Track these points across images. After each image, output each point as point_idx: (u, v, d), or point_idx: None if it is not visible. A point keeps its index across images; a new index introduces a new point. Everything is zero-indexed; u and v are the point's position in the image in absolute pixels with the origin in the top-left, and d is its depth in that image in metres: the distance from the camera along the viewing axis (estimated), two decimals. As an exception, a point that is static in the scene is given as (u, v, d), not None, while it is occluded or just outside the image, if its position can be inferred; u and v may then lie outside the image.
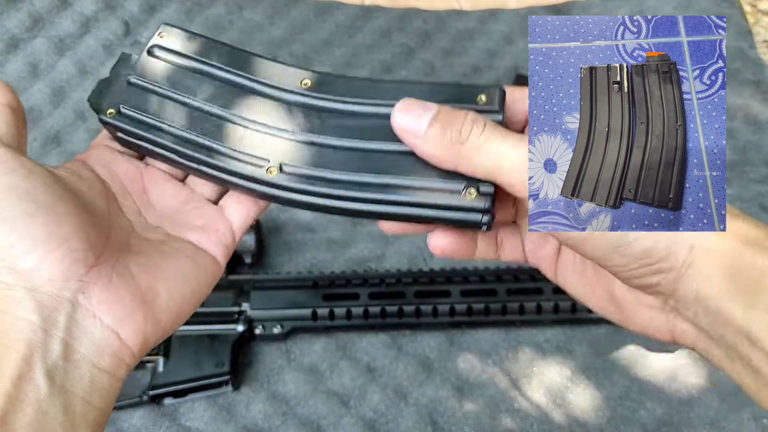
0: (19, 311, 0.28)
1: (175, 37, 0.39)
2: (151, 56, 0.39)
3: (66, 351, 0.29)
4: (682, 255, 0.28)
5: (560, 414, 0.69)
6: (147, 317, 0.32)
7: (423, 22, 1.00)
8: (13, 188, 0.29)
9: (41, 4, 0.95)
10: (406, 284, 0.70)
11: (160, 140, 0.38)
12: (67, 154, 0.86)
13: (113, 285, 0.31)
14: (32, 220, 0.28)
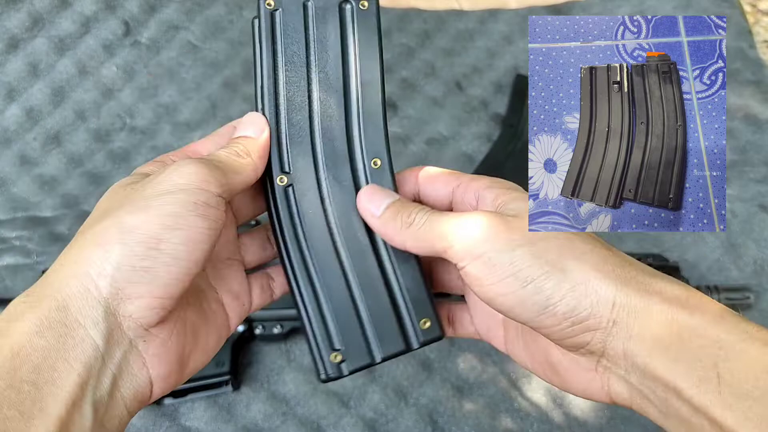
0: (90, 328, 0.29)
1: None
2: None
3: (112, 387, 0.30)
4: (606, 313, 0.29)
5: (560, 414, 0.69)
6: (177, 380, 0.34)
7: (423, 22, 1.00)
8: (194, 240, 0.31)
9: (41, 4, 0.95)
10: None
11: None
12: (67, 154, 0.86)
13: (169, 344, 0.33)
14: (156, 268, 0.30)
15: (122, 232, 0.30)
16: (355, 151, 0.38)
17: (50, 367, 0.28)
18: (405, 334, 0.37)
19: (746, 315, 0.74)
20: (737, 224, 0.80)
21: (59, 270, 0.31)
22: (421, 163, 0.89)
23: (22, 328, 0.28)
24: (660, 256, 0.75)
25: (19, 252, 0.77)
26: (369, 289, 0.37)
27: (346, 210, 0.37)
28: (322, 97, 0.38)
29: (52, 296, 0.29)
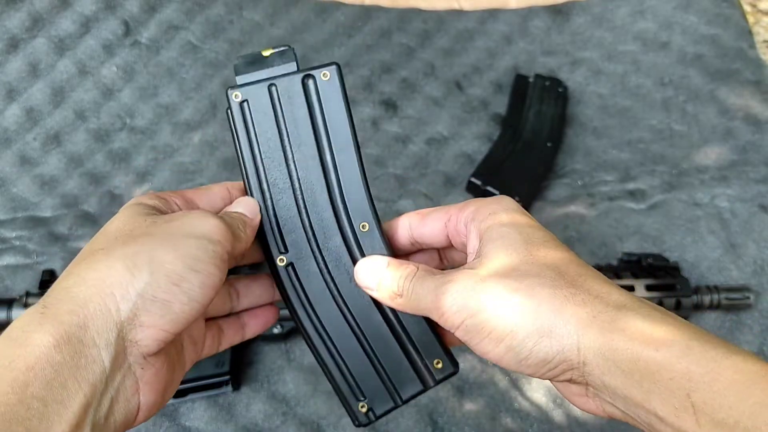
0: (103, 349, 0.30)
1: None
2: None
3: (108, 412, 0.31)
4: (574, 356, 0.31)
5: (560, 414, 0.69)
6: (158, 409, 0.35)
7: (423, 22, 1.00)
8: (186, 279, 0.33)
9: (41, 4, 0.95)
10: (406, 284, 0.70)
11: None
12: (67, 154, 0.86)
13: (160, 374, 0.34)
14: (172, 303, 0.32)
15: (152, 263, 0.32)
16: (342, 219, 0.40)
17: (61, 384, 0.28)
18: (421, 376, 0.41)
19: (746, 315, 0.74)
20: (737, 224, 0.80)
21: (82, 284, 0.31)
22: (422, 162, 0.89)
23: (41, 340, 0.29)
24: (660, 256, 0.75)
25: (19, 252, 0.77)
26: (380, 344, 0.41)
27: (345, 276, 0.40)
28: (302, 175, 0.40)
29: (73, 311, 0.30)
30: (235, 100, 0.39)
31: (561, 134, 0.91)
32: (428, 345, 0.40)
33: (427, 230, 0.40)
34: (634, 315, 0.31)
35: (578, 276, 0.33)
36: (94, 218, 0.82)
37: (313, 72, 0.39)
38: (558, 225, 0.81)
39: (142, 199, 0.38)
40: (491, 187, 0.83)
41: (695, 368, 0.28)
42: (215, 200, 0.41)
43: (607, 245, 0.79)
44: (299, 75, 0.39)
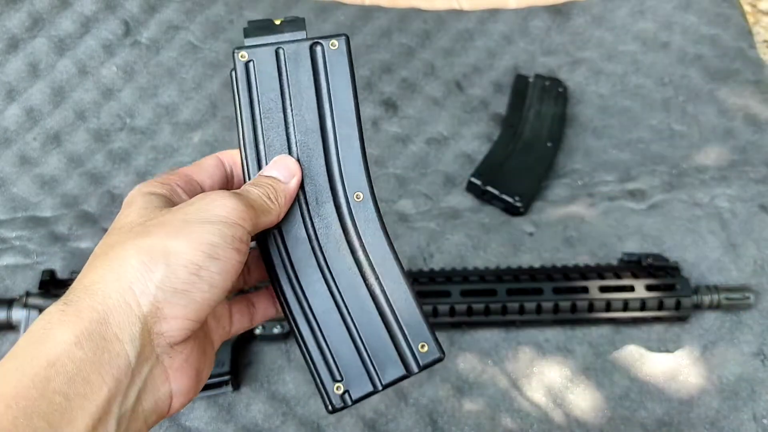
0: (127, 343, 0.30)
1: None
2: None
3: (135, 402, 0.31)
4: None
5: (560, 414, 0.69)
6: (194, 393, 0.35)
7: (423, 22, 1.00)
8: (205, 268, 0.32)
9: (41, 4, 0.95)
10: (406, 284, 0.70)
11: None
12: (67, 153, 0.86)
13: (190, 360, 0.34)
14: (193, 293, 0.32)
15: (167, 255, 0.32)
16: (336, 187, 0.39)
17: (84, 379, 0.28)
18: (404, 359, 0.38)
19: (746, 315, 0.74)
20: (737, 224, 0.80)
21: (100, 281, 0.31)
22: (422, 162, 0.89)
23: (61, 337, 0.29)
24: (660, 256, 0.75)
25: (19, 252, 0.77)
26: (364, 320, 0.38)
27: (333, 245, 0.39)
28: (300, 139, 0.39)
29: (93, 307, 0.30)
30: (240, 60, 0.39)
31: (561, 134, 0.91)
32: (415, 326, 0.38)
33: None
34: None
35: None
36: (94, 218, 0.82)
37: (322, 40, 0.39)
38: (558, 225, 0.81)
39: (149, 187, 0.37)
40: (491, 187, 0.83)
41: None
42: (212, 172, 0.40)
43: (607, 245, 0.79)
44: (308, 42, 0.39)
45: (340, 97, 0.39)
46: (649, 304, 0.70)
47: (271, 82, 0.39)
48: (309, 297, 0.39)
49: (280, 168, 0.38)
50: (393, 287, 0.38)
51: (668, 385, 0.70)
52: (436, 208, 0.84)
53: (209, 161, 0.41)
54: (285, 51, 0.39)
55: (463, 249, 0.79)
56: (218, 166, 0.41)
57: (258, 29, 0.40)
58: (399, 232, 0.80)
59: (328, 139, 0.39)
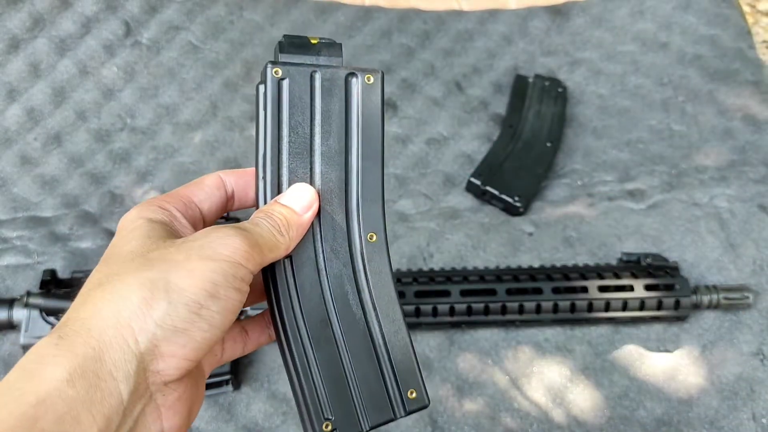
0: (121, 382, 0.29)
1: None
2: None
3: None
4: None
5: (560, 414, 0.69)
6: (186, 428, 0.34)
7: (423, 22, 1.01)
8: (204, 307, 0.32)
9: (42, 4, 0.95)
10: (406, 284, 0.70)
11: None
12: (67, 154, 0.87)
13: (183, 398, 0.33)
14: (193, 332, 0.31)
15: (169, 291, 0.31)
16: (352, 224, 0.39)
17: (73, 418, 0.28)
18: (392, 403, 0.38)
19: (745, 315, 0.74)
20: (736, 224, 0.80)
21: (97, 315, 0.30)
22: (422, 162, 0.90)
23: (53, 374, 0.28)
24: (659, 256, 0.75)
25: (19, 252, 0.77)
26: (359, 359, 0.38)
27: (341, 282, 0.38)
28: (323, 170, 0.38)
29: (88, 343, 0.29)
30: (274, 75, 0.37)
31: (560, 134, 0.91)
32: (408, 372, 0.38)
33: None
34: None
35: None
36: (94, 218, 0.82)
37: (358, 72, 0.39)
38: (557, 225, 0.81)
39: (149, 212, 0.36)
40: (491, 187, 0.83)
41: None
42: (211, 193, 0.39)
43: (606, 245, 0.79)
44: (344, 71, 0.38)
45: (368, 133, 0.39)
46: (648, 304, 0.70)
47: (303, 104, 0.38)
48: (309, 328, 0.38)
49: (298, 198, 0.37)
50: (392, 332, 0.38)
51: (667, 385, 0.70)
52: (436, 208, 0.84)
53: (210, 180, 0.39)
54: (321, 75, 0.38)
55: (463, 249, 0.79)
56: (219, 187, 0.39)
57: (294, 46, 0.38)
58: (399, 232, 0.80)
59: (351, 173, 0.39)
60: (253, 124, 0.91)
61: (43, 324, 0.66)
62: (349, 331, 0.38)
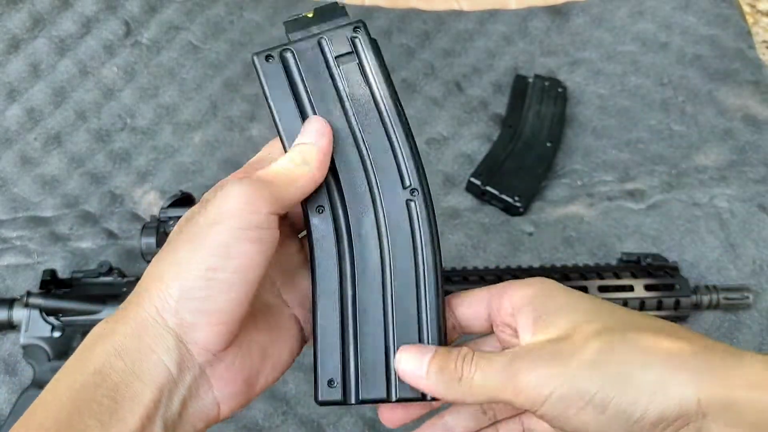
0: (163, 354, 0.31)
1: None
2: None
3: (181, 408, 0.32)
4: (693, 409, 0.28)
5: (559, 413, 0.69)
6: (246, 398, 0.35)
7: (423, 22, 1.01)
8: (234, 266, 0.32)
9: (42, 4, 0.95)
10: (405, 284, 0.70)
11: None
12: (68, 154, 0.87)
13: (234, 366, 0.34)
14: (213, 297, 0.31)
15: (179, 266, 0.32)
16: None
17: (127, 386, 0.30)
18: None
19: (745, 315, 0.74)
20: (736, 224, 0.80)
21: (133, 301, 0.33)
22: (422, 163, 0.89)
23: (103, 349, 0.31)
24: (659, 255, 0.75)
25: (20, 252, 0.78)
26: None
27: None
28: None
29: (128, 323, 0.32)
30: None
31: (560, 134, 0.91)
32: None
33: (468, 311, 0.38)
34: (750, 364, 0.29)
35: (672, 327, 0.32)
36: (95, 218, 0.82)
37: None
38: (557, 225, 0.81)
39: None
40: (491, 187, 0.83)
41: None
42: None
43: (606, 245, 0.79)
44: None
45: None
46: (648, 304, 0.70)
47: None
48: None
49: (307, 132, 0.36)
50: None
51: (667, 385, 0.70)
52: (436, 208, 0.84)
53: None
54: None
55: (463, 249, 0.79)
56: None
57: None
58: (399, 232, 0.80)
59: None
60: (253, 123, 0.91)
61: (43, 324, 0.66)
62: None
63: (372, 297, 0.37)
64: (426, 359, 0.34)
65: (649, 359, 0.29)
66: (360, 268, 0.37)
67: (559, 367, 0.30)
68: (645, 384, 0.29)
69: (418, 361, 0.34)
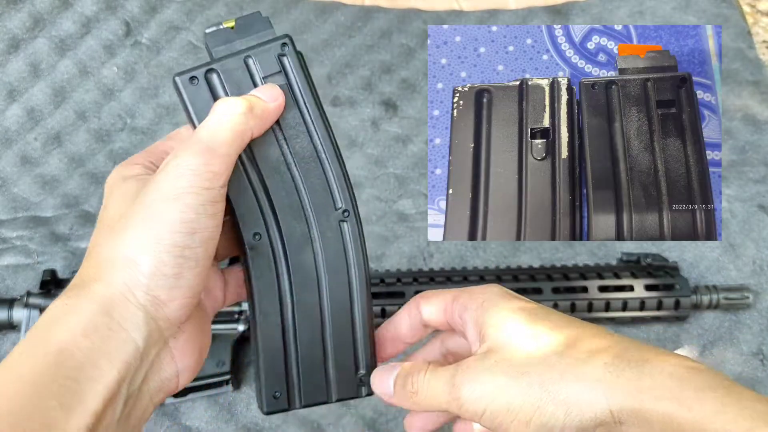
0: (133, 332, 0.31)
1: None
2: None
3: (142, 382, 0.32)
4: (609, 418, 0.31)
5: (559, 413, 0.69)
6: (197, 370, 0.36)
7: (423, 22, 1.01)
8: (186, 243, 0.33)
9: (42, 4, 0.95)
10: (406, 284, 0.70)
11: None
12: (68, 154, 0.87)
13: (192, 336, 0.35)
14: (183, 273, 0.32)
15: (148, 243, 0.32)
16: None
17: (93, 365, 0.30)
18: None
19: (745, 315, 0.74)
20: (736, 224, 0.80)
21: (96, 276, 0.32)
22: (422, 162, 0.90)
23: (67, 328, 0.30)
24: (659, 255, 0.75)
25: (20, 252, 0.78)
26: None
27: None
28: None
29: (94, 300, 0.31)
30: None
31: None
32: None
33: (431, 313, 0.41)
34: (659, 372, 0.31)
35: (591, 337, 0.33)
36: (95, 218, 0.82)
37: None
38: (557, 225, 0.81)
39: (124, 171, 0.37)
40: (491, 187, 0.83)
41: (732, 427, 0.28)
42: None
43: (606, 245, 0.79)
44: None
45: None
46: (648, 304, 0.70)
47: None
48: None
49: (263, 90, 0.36)
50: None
51: (667, 385, 0.70)
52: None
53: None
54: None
55: (463, 249, 0.79)
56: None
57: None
58: (399, 233, 0.80)
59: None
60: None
61: (43, 324, 0.66)
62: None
63: (310, 311, 0.39)
64: (391, 380, 0.38)
65: (564, 375, 0.32)
66: (298, 288, 0.38)
67: (491, 382, 0.33)
68: (560, 399, 0.31)
69: (385, 382, 0.38)
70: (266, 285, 0.38)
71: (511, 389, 0.32)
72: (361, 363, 0.40)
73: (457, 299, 0.39)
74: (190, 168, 0.32)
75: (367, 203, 0.83)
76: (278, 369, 0.38)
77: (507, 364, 0.33)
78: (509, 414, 0.32)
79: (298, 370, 0.39)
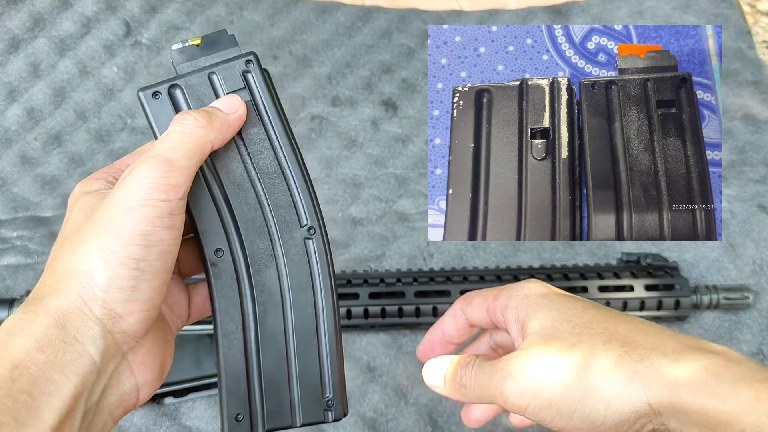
0: (89, 345, 0.31)
1: None
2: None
3: (101, 397, 0.32)
4: (647, 411, 0.32)
5: (559, 413, 0.69)
6: (158, 384, 0.36)
7: (423, 22, 1.01)
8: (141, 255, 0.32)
9: (42, 4, 0.95)
10: (405, 284, 0.70)
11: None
12: (68, 154, 0.87)
13: (153, 351, 0.35)
14: (140, 286, 0.32)
15: (103, 256, 0.31)
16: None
17: (48, 379, 0.29)
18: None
19: (745, 315, 0.74)
20: (736, 224, 0.80)
21: (52, 290, 0.32)
22: (422, 162, 0.90)
23: (22, 343, 0.30)
24: (659, 255, 0.75)
25: (20, 252, 0.78)
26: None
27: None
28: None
29: (48, 314, 0.31)
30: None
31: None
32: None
33: (474, 315, 0.42)
34: (695, 366, 0.32)
35: (629, 332, 0.34)
36: (94, 218, 0.82)
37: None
38: (557, 225, 0.81)
39: (86, 186, 0.36)
40: (491, 187, 0.83)
41: (765, 420, 0.28)
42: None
43: (606, 245, 0.79)
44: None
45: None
46: (648, 304, 0.70)
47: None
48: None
49: (224, 102, 0.36)
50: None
51: (667, 385, 0.70)
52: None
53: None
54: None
55: (463, 249, 0.79)
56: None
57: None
58: (399, 233, 0.80)
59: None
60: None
61: (43, 324, 0.66)
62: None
63: (274, 332, 0.38)
64: (441, 373, 0.40)
65: (603, 372, 0.33)
66: (261, 307, 0.38)
67: (532, 379, 0.34)
68: (600, 394, 0.32)
69: (437, 375, 0.40)
70: (228, 303, 0.37)
71: (553, 385, 0.33)
72: (327, 386, 0.39)
73: (497, 298, 0.40)
74: (148, 180, 0.32)
75: (367, 203, 0.83)
76: (240, 391, 0.37)
77: (547, 360, 0.34)
78: (551, 409, 0.33)
79: (261, 393, 0.38)
